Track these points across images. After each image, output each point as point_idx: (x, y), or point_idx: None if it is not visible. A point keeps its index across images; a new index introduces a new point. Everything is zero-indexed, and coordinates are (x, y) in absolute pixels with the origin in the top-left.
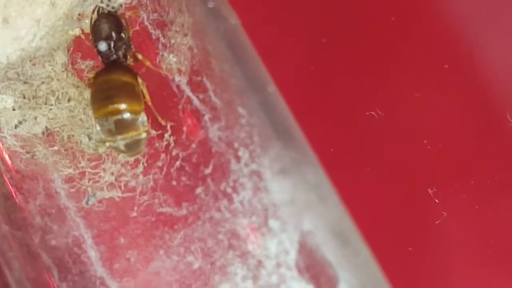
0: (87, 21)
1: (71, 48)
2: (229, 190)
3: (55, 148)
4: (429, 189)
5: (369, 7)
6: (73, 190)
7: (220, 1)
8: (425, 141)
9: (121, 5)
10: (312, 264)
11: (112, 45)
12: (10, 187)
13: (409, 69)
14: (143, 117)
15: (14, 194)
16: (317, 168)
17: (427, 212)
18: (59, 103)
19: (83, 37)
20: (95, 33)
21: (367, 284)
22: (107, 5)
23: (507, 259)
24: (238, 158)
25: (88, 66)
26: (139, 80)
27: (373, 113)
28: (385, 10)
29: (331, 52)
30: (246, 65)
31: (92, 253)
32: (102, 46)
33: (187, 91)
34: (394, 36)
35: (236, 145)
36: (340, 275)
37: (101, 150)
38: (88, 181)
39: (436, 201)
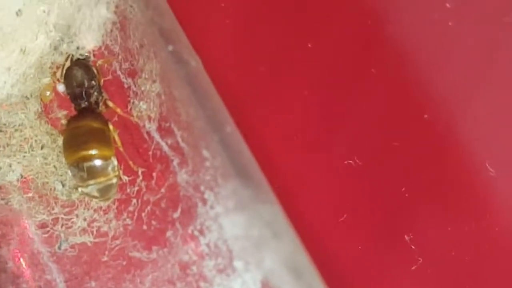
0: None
1: (50, 97)
2: (196, 233)
3: (30, 194)
4: (405, 236)
5: (348, 54)
6: (46, 235)
7: (182, 44)
8: (403, 189)
9: (90, 52)
10: None
11: (83, 92)
12: None
13: (387, 119)
14: (113, 163)
15: None
16: (274, 206)
17: (403, 258)
18: (32, 151)
19: (56, 85)
20: (67, 80)
21: None
22: (76, 52)
23: None
24: (204, 201)
25: (63, 115)
26: (110, 126)
27: (351, 161)
28: (365, 60)
29: (308, 97)
30: (207, 107)
31: None
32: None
33: (157, 137)
34: (373, 85)
35: (202, 188)
36: None
37: (74, 196)
38: (61, 226)
39: (413, 247)
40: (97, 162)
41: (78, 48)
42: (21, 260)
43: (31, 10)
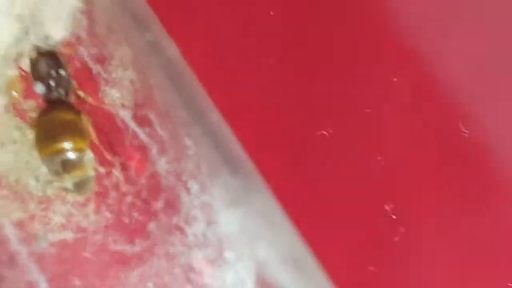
0: (25, 60)
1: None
2: (181, 223)
3: (3, 192)
4: (385, 206)
5: (312, 25)
6: (24, 234)
7: (159, 33)
8: (378, 158)
9: (57, 42)
10: None
11: (52, 83)
12: None
13: (357, 85)
14: (89, 155)
15: None
16: (267, 195)
17: (384, 229)
18: (3, 147)
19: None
20: (34, 72)
21: None
22: (44, 42)
23: (468, 271)
24: (188, 190)
25: (31, 106)
26: (83, 117)
27: (324, 132)
28: (328, 28)
29: (276, 73)
30: (188, 96)
31: None
32: (39, 87)
33: (132, 126)
34: (340, 52)
35: (184, 177)
36: None
37: (49, 191)
38: (39, 224)
39: (394, 217)
40: (72, 155)
41: (45, 38)
42: (0, 262)
43: None
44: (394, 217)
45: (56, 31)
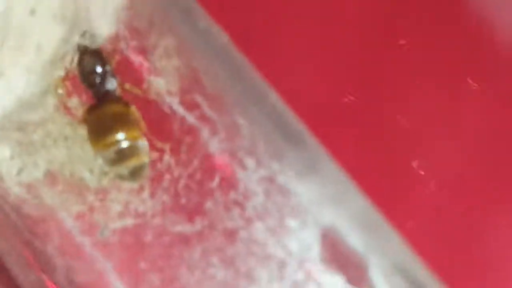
0: (70, 58)
1: (61, 89)
2: (239, 198)
3: (59, 188)
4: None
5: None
6: (85, 225)
7: (206, 21)
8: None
9: (103, 39)
10: (337, 256)
11: (99, 79)
12: (27, 233)
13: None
14: (142, 143)
15: (32, 240)
16: (331, 164)
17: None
18: (56, 144)
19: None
20: (81, 70)
21: (399, 265)
22: (91, 40)
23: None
24: (244, 167)
25: (76, 102)
26: (131, 107)
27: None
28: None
29: (332, 56)
30: (241, 79)
31: (118, 284)
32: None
33: (180, 110)
34: None
35: (240, 154)
36: (370, 261)
37: (104, 182)
38: (98, 214)
39: (422, 173)
40: (126, 145)
41: (91, 36)
42: (67, 254)
43: (45, 5)
44: (422, 173)
45: (103, 28)
